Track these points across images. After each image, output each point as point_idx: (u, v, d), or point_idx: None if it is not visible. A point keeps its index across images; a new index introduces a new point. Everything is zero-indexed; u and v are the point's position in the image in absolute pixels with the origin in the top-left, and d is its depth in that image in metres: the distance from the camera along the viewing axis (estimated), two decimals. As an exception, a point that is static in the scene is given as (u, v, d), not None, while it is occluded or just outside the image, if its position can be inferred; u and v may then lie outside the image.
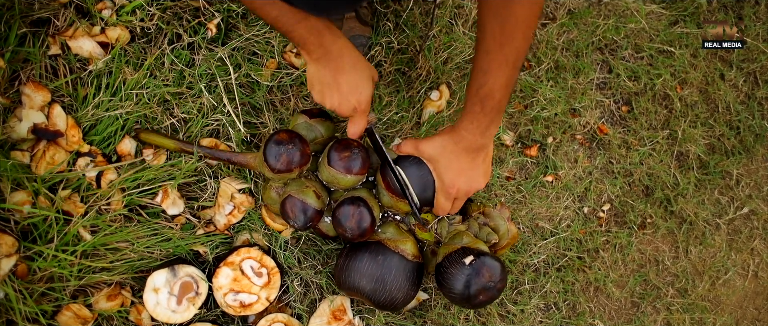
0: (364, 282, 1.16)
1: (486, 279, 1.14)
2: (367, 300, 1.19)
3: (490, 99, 0.98)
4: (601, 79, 1.59)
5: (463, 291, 1.15)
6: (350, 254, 1.19)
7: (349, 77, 1.03)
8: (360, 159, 1.14)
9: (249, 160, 1.18)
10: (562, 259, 1.47)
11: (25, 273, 1.11)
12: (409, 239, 1.20)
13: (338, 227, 1.15)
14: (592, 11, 1.57)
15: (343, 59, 1.02)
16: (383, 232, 1.21)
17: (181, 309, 1.18)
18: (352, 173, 1.14)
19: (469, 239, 1.23)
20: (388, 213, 1.23)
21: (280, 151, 1.11)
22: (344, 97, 1.04)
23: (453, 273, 1.15)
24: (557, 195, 1.49)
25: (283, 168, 1.11)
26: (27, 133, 1.14)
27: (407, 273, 1.18)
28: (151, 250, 1.21)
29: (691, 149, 1.62)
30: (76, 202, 1.18)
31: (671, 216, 1.59)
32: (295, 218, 1.13)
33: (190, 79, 1.26)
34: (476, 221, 1.30)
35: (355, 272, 1.17)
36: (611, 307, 1.53)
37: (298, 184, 1.16)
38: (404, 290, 1.18)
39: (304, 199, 1.13)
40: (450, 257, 1.17)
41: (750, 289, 1.68)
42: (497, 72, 0.94)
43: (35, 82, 1.16)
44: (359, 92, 1.05)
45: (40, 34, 1.18)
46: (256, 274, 1.23)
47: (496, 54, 0.93)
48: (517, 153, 1.48)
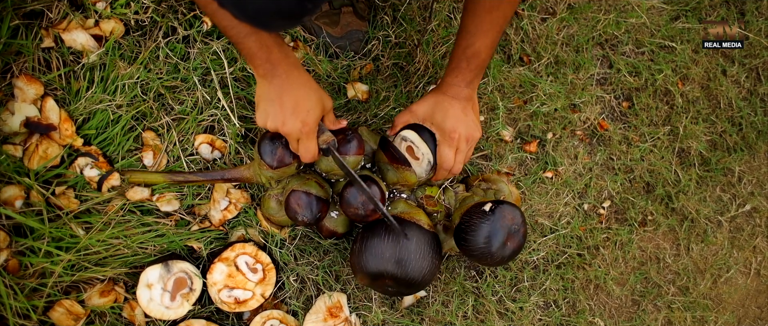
0: (386, 259, 1.11)
1: (509, 221, 1.12)
2: (393, 278, 1.13)
3: (476, 58, 1.07)
4: (601, 74, 1.57)
5: (487, 243, 1.11)
6: (366, 235, 1.15)
7: (294, 97, 0.99)
8: (355, 140, 1.14)
9: (243, 172, 1.17)
10: (562, 256, 1.45)
11: (17, 268, 1.10)
12: (421, 212, 1.20)
13: (349, 207, 1.13)
14: (593, 6, 1.55)
15: (289, 78, 0.98)
16: (394, 209, 1.20)
17: (174, 305, 1.16)
18: (349, 155, 1.14)
19: (479, 198, 1.23)
20: (394, 192, 1.22)
21: (274, 147, 1.10)
22: (287, 117, 1.00)
23: (475, 225, 1.12)
24: (557, 192, 1.47)
25: (281, 162, 1.11)
26: (19, 127, 1.13)
27: (428, 240, 1.14)
28: (145, 246, 1.20)
29: (692, 145, 1.60)
30: (70, 198, 1.16)
31: (672, 214, 1.57)
32: (303, 211, 1.12)
33: (184, 73, 1.24)
34: (479, 187, 1.30)
35: (375, 250, 1.12)
36: (612, 305, 1.51)
37: (299, 179, 1.15)
38: (429, 258, 1.13)
39: (309, 190, 1.13)
40: (469, 212, 1.16)
41: (752, 287, 1.66)
42: (484, 35, 1.03)
43: (28, 75, 1.15)
44: (306, 113, 1.00)
45: (33, 27, 1.16)
46: (251, 270, 1.21)
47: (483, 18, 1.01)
48: (516, 148, 1.46)
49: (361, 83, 1.36)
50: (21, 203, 1.11)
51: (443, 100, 1.13)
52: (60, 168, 1.15)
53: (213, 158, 1.26)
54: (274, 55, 0.96)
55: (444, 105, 1.13)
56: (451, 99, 1.13)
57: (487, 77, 1.43)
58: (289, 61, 0.98)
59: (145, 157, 1.22)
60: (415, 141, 1.17)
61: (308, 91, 1.01)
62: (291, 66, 0.98)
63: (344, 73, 1.35)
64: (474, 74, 1.10)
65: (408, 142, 1.18)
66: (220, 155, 1.27)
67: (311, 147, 1.05)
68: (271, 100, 1.00)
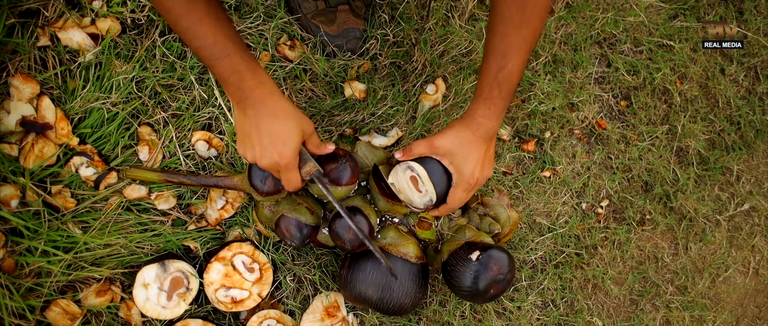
0: (370, 292, 1.15)
1: (495, 272, 1.13)
2: (375, 309, 1.18)
3: (508, 82, 0.98)
4: (599, 73, 1.57)
5: (472, 287, 1.13)
6: (353, 265, 1.18)
7: (269, 128, 0.94)
8: (349, 168, 1.10)
9: (236, 182, 1.16)
10: (560, 256, 1.45)
11: (12, 267, 1.09)
12: (411, 241, 1.19)
13: (337, 240, 1.13)
14: (591, 4, 1.55)
15: (264, 107, 0.93)
16: (383, 237, 1.19)
17: (171, 304, 1.16)
18: (341, 185, 1.10)
19: (472, 233, 1.21)
20: (385, 217, 1.22)
21: (265, 174, 1.09)
22: (264, 149, 0.95)
23: (461, 271, 1.14)
24: (555, 191, 1.47)
25: (271, 190, 1.10)
26: (15, 126, 1.12)
27: (413, 276, 1.16)
28: (141, 245, 1.19)
29: (691, 144, 1.60)
30: (67, 197, 1.16)
31: (671, 213, 1.57)
32: (292, 237, 1.12)
33: (181, 71, 1.24)
34: (476, 212, 1.29)
35: (360, 283, 1.15)
36: (610, 304, 1.51)
37: (290, 202, 1.14)
38: (412, 294, 1.17)
39: (298, 217, 1.12)
40: (456, 254, 1.16)
41: (750, 287, 1.66)
42: (516, 55, 0.95)
43: (24, 74, 1.14)
44: (283, 143, 0.95)
45: (29, 25, 1.16)
46: (248, 270, 1.21)
47: (514, 37, 0.93)
48: (514, 147, 1.46)
49: (359, 82, 1.36)
50: (17, 203, 1.10)
51: (469, 139, 1.06)
52: (55, 168, 1.15)
53: (209, 156, 1.26)
54: (246, 82, 0.90)
55: (469, 147, 1.07)
56: (477, 139, 1.06)
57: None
58: (263, 89, 0.92)
59: (141, 152, 1.22)
60: (422, 176, 1.14)
61: (284, 121, 0.94)
62: (265, 93, 0.92)
63: (341, 71, 1.34)
64: (505, 102, 1.01)
65: (414, 172, 1.15)
66: (217, 153, 1.26)
67: (293, 178, 1.01)
68: (248, 133, 0.95)
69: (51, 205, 1.14)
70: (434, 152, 1.11)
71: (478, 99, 1.03)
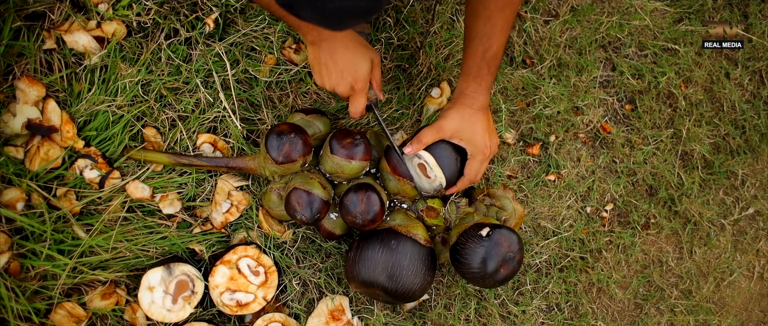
0: (378, 271, 1.12)
1: (505, 249, 1.11)
2: (383, 291, 1.14)
3: (495, 59, 1.07)
4: (604, 76, 1.57)
5: (481, 267, 1.11)
6: (361, 244, 1.16)
7: (343, 56, 1.04)
8: (363, 145, 1.14)
9: (248, 162, 1.17)
10: (565, 260, 1.45)
11: (18, 270, 1.09)
12: (419, 225, 1.19)
13: (347, 215, 1.13)
14: (596, 8, 1.55)
15: (335, 40, 1.03)
16: (392, 219, 1.19)
17: (176, 307, 1.16)
18: (355, 159, 1.13)
19: (479, 217, 1.21)
20: (395, 202, 1.22)
21: (282, 142, 1.10)
22: (340, 75, 1.06)
23: (471, 248, 1.12)
24: (560, 195, 1.47)
25: (286, 158, 1.10)
26: (21, 129, 1.12)
27: (422, 257, 1.15)
28: (147, 248, 1.19)
29: (695, 148, 1.60)
30: (72, 200, 1.16)
31: (675, 217, 1.57)
32: (302, 210, 1.12)
33: (186, 75, 1.24)
34: (483, 203, 1.29)
35: (368, 261, 1.13)
36: (614, 309, 1.50)
37: (302, 177, 1.15)
38: (421, 274, 1.14)
39: (310, 190, 1.12)
40: (465, 233, 1.15)
41: (755, 291, 1.66)
42: (500, 34, 1.04)
43: (30, 77, 1.15)
44: (355, 70, 1.05)
45: (35, 28, 1.16)
46: (253, 273, 1.21)
47: (498, 18, 1.01)
48: (519, 151, 1.46)
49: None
50: (22, 205, 1.10)
51: (470, 113, 1.13)
52: (60, 170, 1.15)
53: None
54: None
55: (472, 120, 1.13)
56: (476, 111, 1.13)
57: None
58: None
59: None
60: (429, 162, 1.16)
61: (356, 50, 1.05)
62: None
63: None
64: (493, 76, 1.11)
65: (421, 160, 1.17)
66: (222, 156, 1.26)
67: (361, 102, 1.10)
68: (324, 63, 1.05)
69: (56, 208, 1.14)
70: (442, 135, 1.15)
71: (467, 78, 1.11)
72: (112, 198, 1.18)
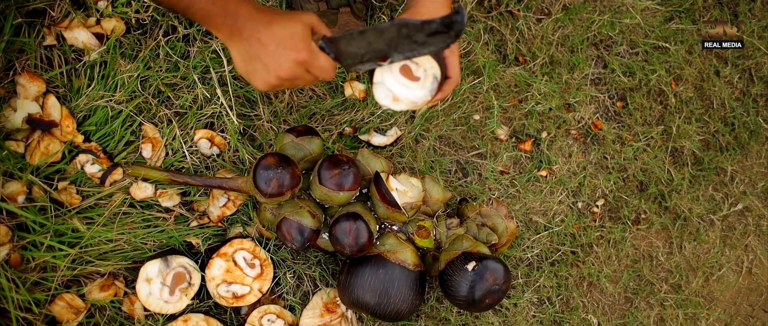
0: (368, 297, 1.18)
1: (490, 282, 1.16)
2: (372, 314, 1.21)
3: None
4: (596, 74, 1.59)
5: (468, 297, 1.17)
6: (351, 270, 1.20)
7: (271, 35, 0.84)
8: (351, 174, 1.14)
9: (240, 184, 1.18)
10: (556, 254, 1.47)
11: (19, 262, 1.12)
12: (409, 248, 1.21)
13: (336, 244, 1.16)
14: (588, 6, 1.57)
15: (255, 22, 0.83)
16: (382, 244, 1.21)
17: (173, 299, 1.18)
18: (344, 190, 1.14)
19: (469, 243, 1.23)
20: (385, 225, 1.24)
21: (269, 176, 1.10)
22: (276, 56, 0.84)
23: (457, 281, 1.17)
24: (551, 190, 1.49)
25: (275, 192, 1.11)
26: (21, 123, 1.15)
27: (410, 283, 1.19)
28: (145, 241, 1.22)
29: (685, 145, 1.62)
30: (72, 194, 1.18)
31: (665, 212, 1.59)
32: (293, 240, 1.14)
33: (184, 71, 1.26)
34: (474, 222, 1.31)
35: (358, 288, 1.18)
36: (605, 302, 1.53)
37: (292, 205, 1.16)
38: (408, 300, 1.20)
39: (300, 220, 1.14)
40: (452, 264, 1.19)
41: (743, 285, 1.69)
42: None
43: (30, 73, 1.17)
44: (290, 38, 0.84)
45: (36, 25, 1.18)
46: (249, 265, 1.23)
47: None
48: (511, 147, 1.48)
49: (359, 82, 1.38)
50: (23, 198, 1.13)
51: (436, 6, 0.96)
52: (60, 164, 1.17)
53: (211, 154, 1.28)
54: (231, 5, 0.82)
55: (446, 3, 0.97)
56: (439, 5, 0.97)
57: (483, 76, 1.45)
58: (248, 5, 0.84)
59: (144, 149, 1.24)
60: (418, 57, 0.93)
61: (280, 22, 0.84)
62: (252, 10, 0.84)
63: (341, 72, 1.37)
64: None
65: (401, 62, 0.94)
66: (219, 151, 1.29)
67: (322, 64, 0.88)
68: (254, 55, 0.85)
69: (57, 201, 1.16)
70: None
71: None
72: (113, 194, 1.20)
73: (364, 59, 0.89)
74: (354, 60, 0.89)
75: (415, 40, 0.85)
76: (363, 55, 0.88)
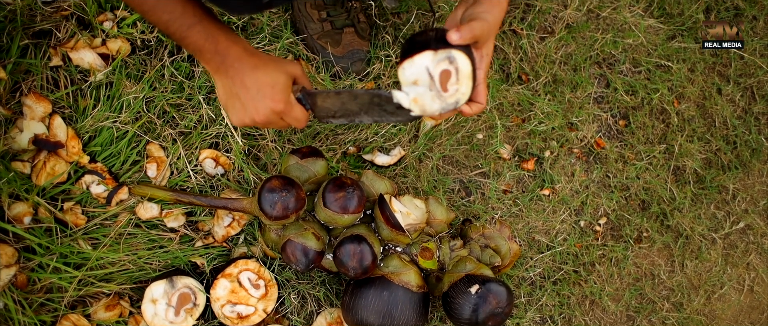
0: (371, 319, 1.18)
1: (493, 305, 1.17)
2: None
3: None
4: (598, 93, 1.60)
5: (471, 319, 1.18)
6: (355, 292, 1.21)
7: (254, 79, 0.88)
8: (356, 197, 1.15)
9: (245, 205, 1.19)
10: (558, 273, 1.48)
11: (25, 283, 1.12)
12: (413, 269, 1.21)
13: (341, 267, 1.16)
14: (591, 25, 1.58)
15: (243, 63, 0.88)
16: (386, 266, 1.22)
17: (178, 320, 1.19)
18: (348, 213, 1.15)
19: (472, 265, 1.24)
20: (389, 246, 1.24)
21: (274, 199, 1.11)
22: (256, 101, 0.89)
23: (460, 303, 1.18)
24: (554, 209, 1.50)
25: (280, 215, 1.12)
26: (28, 144, 1.15)
27: (414, 305, 1.20)
28: (150, 261, 1.22)
29: (687, 163, 1.63)
30: (78, 214, 1.19)
31: (667, 231, 1.60)
32: (297, 262, 1.14)
33: (189, 91, 1.27)
34: (477, 244, 1.31)
35: (362, 310, 1.19)
36: (607, 321, 1.54)
37: (297, 227, 1.17)
38: (412, 322, 1.21)
39: (305, 242, 1.14)
40: (455, 286, 1.20)
41: (745, 304, 1.69)
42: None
43: (36, 93, 1.17)
44: (271, 87, 0.88)
45: (42, 46, 1.19)
46: (254, 286, 1.23)
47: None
48: (514, 166, 1.49)
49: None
50: (29, 219, 1.13)
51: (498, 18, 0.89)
52: (66, 185, 1.18)
53: (216, 174, 1.29)
54: (222, 43, 0.87)
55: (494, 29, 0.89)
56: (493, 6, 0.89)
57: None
58: (238, 46, 0.88)
59: (149, 168, 1.24)
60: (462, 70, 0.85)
61: (265, 68, 0.89)
62: (241, 51, 0.88)
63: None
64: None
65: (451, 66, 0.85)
66: (223, 171, 1.29)
67: (296, 115, 0.92)
68: (235, 94, 0.89)
69: (62, 222, 1.17)
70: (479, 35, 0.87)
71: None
72: (118, 214, 1.20)
73: (337, 115, 0.98)
74: (327, 114, 0.98)
75: (384, 109, 0.93)
76: (336, 112, 0.97)
